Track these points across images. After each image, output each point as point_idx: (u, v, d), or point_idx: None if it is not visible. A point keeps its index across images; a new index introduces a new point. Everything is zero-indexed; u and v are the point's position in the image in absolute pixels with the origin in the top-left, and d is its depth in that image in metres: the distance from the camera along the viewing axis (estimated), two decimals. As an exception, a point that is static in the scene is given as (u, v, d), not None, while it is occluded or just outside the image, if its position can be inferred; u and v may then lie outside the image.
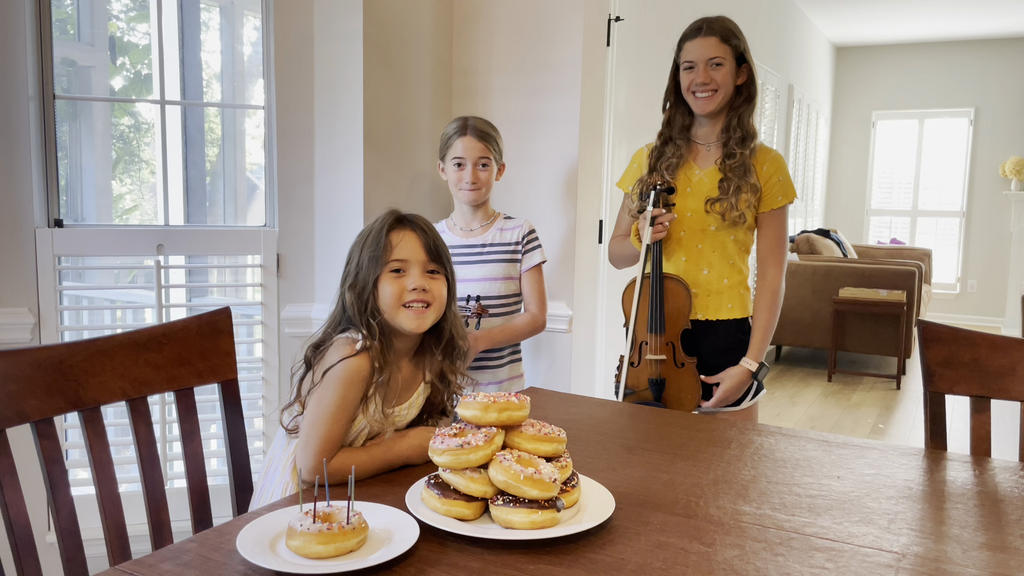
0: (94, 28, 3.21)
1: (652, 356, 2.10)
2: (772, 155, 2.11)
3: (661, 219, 2.02)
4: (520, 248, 2.27)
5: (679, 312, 2.08)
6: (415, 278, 1.36)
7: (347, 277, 1.39)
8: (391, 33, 2.52)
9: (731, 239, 2.10)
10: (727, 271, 2.11)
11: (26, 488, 1.28)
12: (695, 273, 2.11)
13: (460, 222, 2.30)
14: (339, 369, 1.31)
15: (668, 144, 2.14)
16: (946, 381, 1.58)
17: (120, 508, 1.37)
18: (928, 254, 7.68)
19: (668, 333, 2.09)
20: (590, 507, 1.13)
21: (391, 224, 1.38)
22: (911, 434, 4.73)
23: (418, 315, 1.36)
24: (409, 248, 1.37)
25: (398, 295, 1.35)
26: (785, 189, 2.09)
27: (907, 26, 7.77)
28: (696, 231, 2.09)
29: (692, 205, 2.09)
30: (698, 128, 2.14)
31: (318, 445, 1.29)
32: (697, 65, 2.04)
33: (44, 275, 2.22)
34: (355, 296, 1.36)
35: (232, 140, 3.44)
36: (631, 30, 3.56)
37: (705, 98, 2.05)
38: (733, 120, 2.08)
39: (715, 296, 2.11)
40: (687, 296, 2.08)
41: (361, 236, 1.41)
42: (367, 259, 1.36)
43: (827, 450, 1.48)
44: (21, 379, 1.26)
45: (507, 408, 1.15)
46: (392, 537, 1.03)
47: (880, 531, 1.13)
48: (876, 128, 8.83)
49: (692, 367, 2.09)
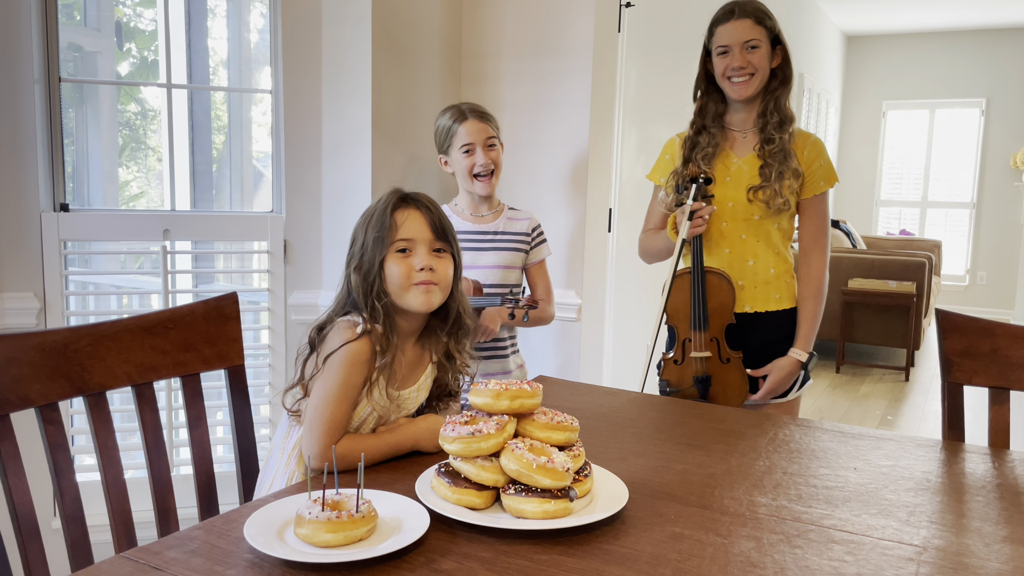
0: (100, 13, 3.18)
1: (697, 353, 2.02)
2: (812, 139, 2.04)
3: (700, 212, 1.95)
4: (530, 241, 2.24)
5: (723, 307, 2.00)
6: (422, 257, 1.33)
7: (352, 258, 1.37)
8: (400, 17, 2.49)
9: (775, 227, 2.02)
10: (773, 260, 2.03)
11: (30, 473, 1.27)
12: (740, 265, 2.03)
13: (468, 207, 2.25)
14: (340, 353, 1.29)
15: (702, 133, 2.05)
16: (964, 372, 1.55)
17: (126, 494, 1.35)
18: (938, 245, 7.62)
19: (712, 329, 2.01)
20: (603, 497, 1.11)
21: (395, 203, 1.35)
22: (920, 426, 4.70)
23: (427, 293, 1.34)
24: (415, 227, 1.34)
25: (406, 275, 1.32)
26: (827, 174, 2.02)
27: (918, 15, 7.70)
28: (739, 221, 2.01)
29: (733, 195, 2.01)
30: (733, 115, 2.06)
31: (321, 430, 1.27)
32: (732, 49, 1.96)
33: (50, 260, 2.21)
34: (361, 277, 1.34)
35: (239, 127, 3.42)
36: (641, 16, 3.52)
37: (742, 83, 1.97)
38: (770, 104, 2.00)
39: (762, 287, 2.03)
40: (730, 290, 2.00)
41: (365, 216, 1.38)
42: (372, 239, 1.34)
43: (843, 441, 1.45)
44: (25, 363, 1.24)
45: (519, 396, 1.12)
46: (402, 526, 1.01)
47: (900, 524, 1.10)
48: (886, 118, 8.76)
49: (738, 362, 2.02)
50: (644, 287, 3.87)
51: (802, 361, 2.03)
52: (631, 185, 3.67)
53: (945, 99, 8.44)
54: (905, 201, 8.77)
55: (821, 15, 7.49)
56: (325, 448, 1.26)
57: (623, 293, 3.53)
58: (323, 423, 1.27)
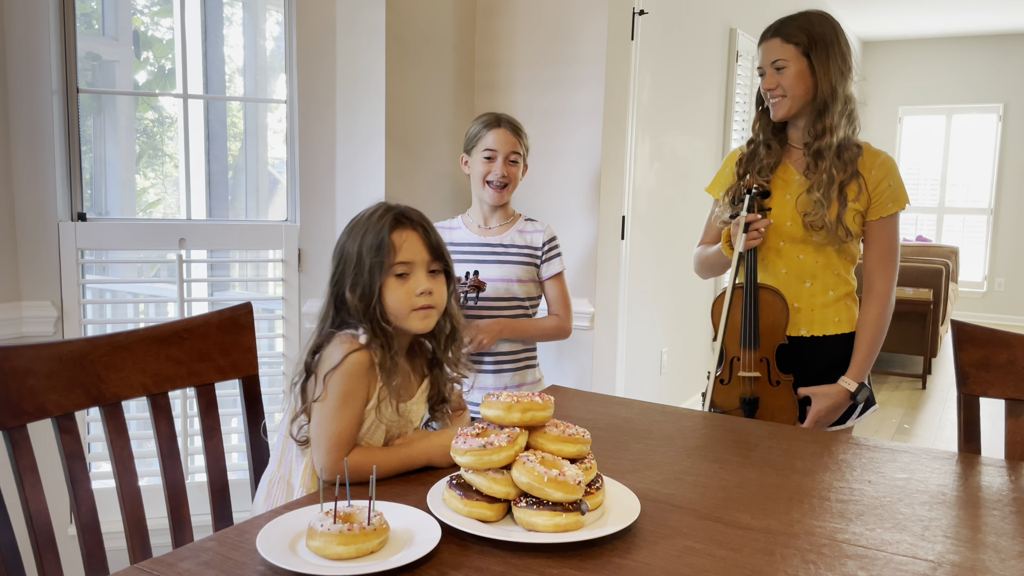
0: (118, 23, 3.22)
1: (745, 373, 1.94)
2: (882, 158, 1.92)
3: (756, 225, 1.88)
4: (541, 254, 2.21)
5: (775, 325, 1.92)
6: (421, 281, 1.32)
7: (343, 277, 1.33)
8: (414, 27, 2.50)
9: (835, 249, 1.93)
10: (832, 282, 1.95)
11: (46, 478, 1.28)
12: (797, 286, 1.95)
13: (477, 219, 2.24)
14: (342, 366, 1.29)
15: (758, 147, 1.99)
16: (980, 384, 1.54)
17: (140, 503, 1.36)
18: (955, 252, 7.56)
19: (763, 348, 1.93)
20: (615, 510, 1.11)
21: (392, 223, 1.32)
22: (937, 435, 4.66)
23: (426, 317, 1.34)
24: (413, 249, 1.32)
25: (406, 300, 1.31)
26: (896, 195, 1.89)
27: (934, 20, 7.65)
28: (797, 241, 1.93)
29: (791, 213, 1.92)
30: (790, 130, 1.99)
31: (330, 443, 1.27)
32: (765, 71, 1.92)
33: (67, 268, 2.23)
34: (358, 300, 1.31)
35: (254, 134, 3.44)
36: (655, 24, 3.52)
37: (775, 103, 1.92)
38: (810, 127, 1.91)
39: (820, 310, 1.95)
40: (784, 308, 1.92)
41: (355, 232, 1.34)
42: (370, 263, 1.31)
43: (857, 453, 1.44)
44: (42, 374, 1.26)
45: (530, 408, 1.12)
46: (413, 538, 1.02)
47: (914, 538, 1.09)
48: (902, 123, 8.71)
49: (788, 386, 1.93)
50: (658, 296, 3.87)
51: (850, 391, 1.93)
52: (644, 193, 3.67)
53: (962, 104, 8.38)
54: (922, 207, 8.70)
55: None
56: (335, 461, 1.25)
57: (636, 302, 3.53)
58: (331, 437, 1.27)
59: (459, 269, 2.22)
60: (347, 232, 1.36)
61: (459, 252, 2.21)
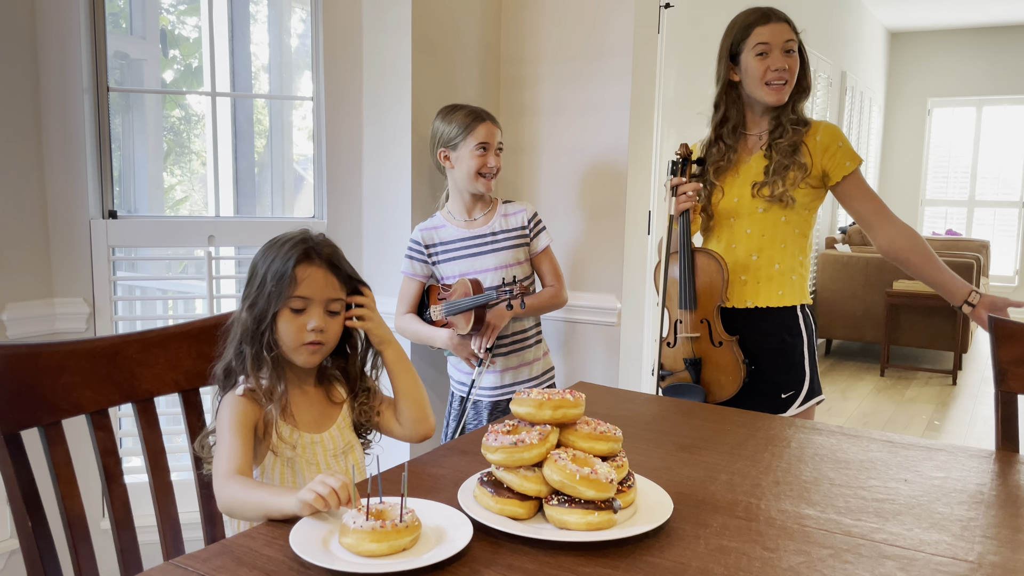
0: (146, 21, 3.24)
1: (686, 334, 2.03)
2: (824, 125, 2.02)
3: (683, 188, 1.99)
4: (528, 231, 2.26)
5: (712, 287, 2.00)
6: (315, 318, 1.32)
7: (247, 296, 1.35)
8: (439, 22, 2.49)
9: (782, 220, 2.01)
10: (778, 255, 2.03)
11: (79, 473, 1.29)
12: (745, 259, 2.04)
13: (459, 213, 2.26)
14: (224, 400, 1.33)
15: (717, 144, 2.08)
16: (1019, 381, 1.51)
17: (173, 499, 1.37)
18: (986, 245, 7.43)
19: (701, 309, 2.02)
20: (647, 508, 1.10)
21: (299, 257, 1.32)
22: (968, 431, 4.59)
23: (313, 353, 1.35)
24: (313, 286, 1.33)
25: (296, 335, 1.32)
26: (849, 154, 1.98)
27: (963, 11, 7.52)
28: (744, 216, 2.03)
29: (739, 191, 2.03)
30: (752, 116, 2.07)
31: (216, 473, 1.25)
32: (772, 50, 1.97)
33: (99, 266, 2.25)
34: (252, 320, 1.32)
35: (280, 131, 3.46)
36: (681, 17, 3.49)
37: (780, 86, 1.98)
38: (788, 111, 2.03)
39: (765, 283, 2.03)
40: (719, 269, 2.00)
41: (267, 255, 1.35)
42: (270, 290, 1.31)
43: (892, 451, 1.42)
44: (76, 371, 1.27)
45: (562, 405, 1.12)
46: (445, 536, 1.01)
47: (953, 538, 1.07)
48: (932, 116, 8.58)
49: (731, 346, 2.00)
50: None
51: (975, 299, 1.93)
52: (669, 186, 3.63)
53: (992, 96, 8.24)
54: (951, 200, 8.58)
55: (864, 12, 7.36)
56: (218, 490, 1.23)
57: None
58: (215, 466, 1.25)
59: (455, 266, 2.23)
60: (262, 251, 1.37)
61: (451, 249, 2.24)
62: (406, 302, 2.29)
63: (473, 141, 2.18)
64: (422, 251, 2.25)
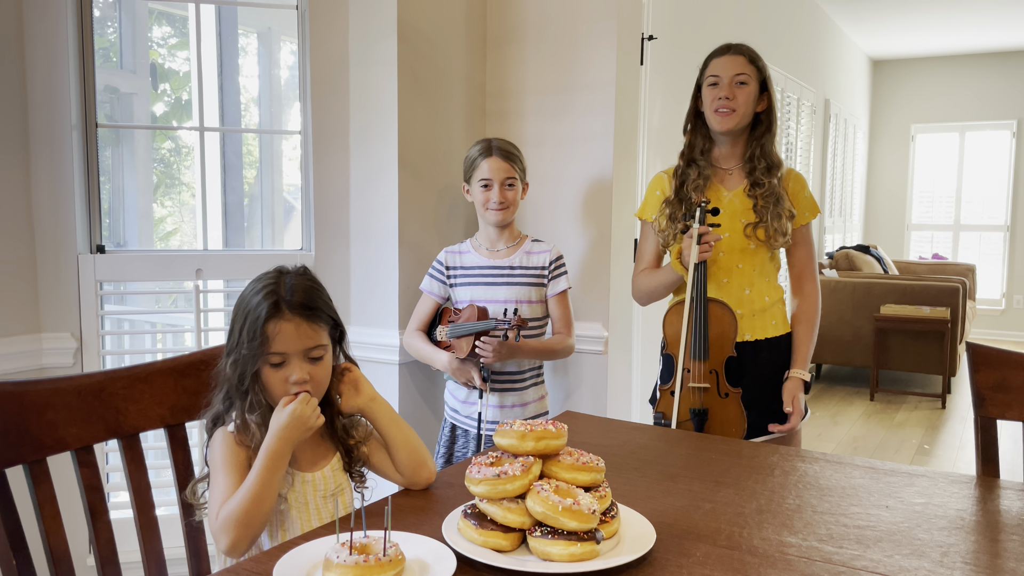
0: (136, 56, 3.28)
1: (695, 384, 2.02)
2: (794, 174, 2.13)
3: (707, 237, 1.97)
4: (547, 273, 2.28)
5: (724, 338, 2.01)
6: (295, 369, 1.31)
7: (228, 352, 1.34)
8: (425, 57, 2.53)
9: (768, 256, 2.10)
10: (767, 289, 2.10)
11: (64, 508, 1.29)
12: (738, 294, 2.07)
13: (485, 242, 2.33)
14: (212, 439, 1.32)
15: (691, 166, 2.11)
16: (997, 406, 1.53)
17: (158, 535, 1.37)
18: (972, 269, 7.50)
19: (712, 360, 2.01)
20: (630, 538, 1.11)
21: (268, 312, 1.29)
22: (958, 455, 4.61)
23: None
24: (287, 340, 1.30)
25: (281, 387, 1.31)
26: (811, 205, 2.12)
27: (946, 38, 7.65)
28: (735, 251, 2.06)
29: (728, 226, 2.06)
30: (719, 149, 2.12)
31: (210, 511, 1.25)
32: (722, 81, 2.03)
33: (86, 300, 2.26)
34: (235, 376, 1.32)
35: (269, 163, 3.49)
36: (664, 48, 3.54)
37: (725, 114, 2.03)
38: (756, 150, 2.07)
39: (759, 315, 2.08)
40: (732, 321, 2.01)
41: (239, 313, 1.33)
42: (246, 351, 1.30)
43: (874, 477, 1.43)
44: (61, 407, 1.27)
45: (544, 437, 1.13)
46: (429, 569, 1.02)
47: (933, 564, 1.09)
48: (915, 142, 8.69)
49: (737, 398, 2.01)
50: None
51: (806, 380, 2.07)
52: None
53: (975, 122, 8.36)
54: (937, 225, 8.66)
55: (846, 40, 7.48)
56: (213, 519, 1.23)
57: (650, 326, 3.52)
58: (213, 504, 1.25)
59: (469, 292, 2.26)
60: (240, 299, 1.34)
61: (469, 275, 2.29)
62: (419, 318, 2.35)
63: (478, 176, 2.25)
64: (443, 271, 2.32)
